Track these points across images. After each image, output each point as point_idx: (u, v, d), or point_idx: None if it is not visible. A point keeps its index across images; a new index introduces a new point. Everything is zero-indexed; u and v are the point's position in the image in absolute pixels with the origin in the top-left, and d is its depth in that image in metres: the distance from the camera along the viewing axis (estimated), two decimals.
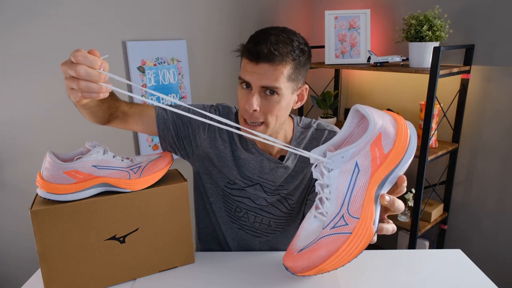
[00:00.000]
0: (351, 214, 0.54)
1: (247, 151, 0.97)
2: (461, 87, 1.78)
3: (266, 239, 1.06)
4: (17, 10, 1.40)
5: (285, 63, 0.81)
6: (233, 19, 2.08)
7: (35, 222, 0.75)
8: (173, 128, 0.96)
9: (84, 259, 0.81)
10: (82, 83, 0.60)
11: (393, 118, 0.58)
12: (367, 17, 2.01)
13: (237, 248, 1.08)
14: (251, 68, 0.82)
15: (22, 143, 1.49)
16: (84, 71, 0.59)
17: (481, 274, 0.90)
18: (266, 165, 0.96)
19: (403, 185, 0.57)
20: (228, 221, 1.05)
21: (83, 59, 0.59)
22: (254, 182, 0.98)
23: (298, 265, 0.56)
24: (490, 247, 1.85)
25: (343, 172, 0.56)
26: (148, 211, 0.85)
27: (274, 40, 0.80)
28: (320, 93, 2.26)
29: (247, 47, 0.83)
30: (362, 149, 0.55)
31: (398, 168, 0.55)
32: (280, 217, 1.02)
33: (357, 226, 0.53)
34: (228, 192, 1.01)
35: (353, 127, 0.62)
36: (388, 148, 0.55)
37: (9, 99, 1.44)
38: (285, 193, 0.99)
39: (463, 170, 1.89)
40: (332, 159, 0.57)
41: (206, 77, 2.05)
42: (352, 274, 0.90)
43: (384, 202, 0.56)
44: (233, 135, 0.97)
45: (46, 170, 0.77)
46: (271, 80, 0.81)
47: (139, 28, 1.74)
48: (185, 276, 0.90)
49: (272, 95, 0.83)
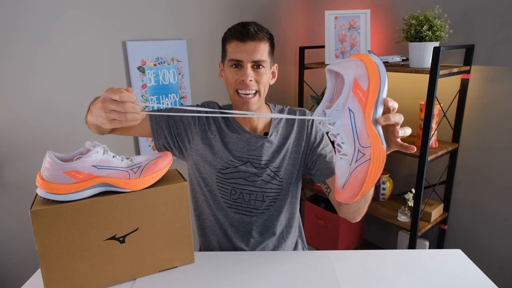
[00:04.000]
0: (363, 145, 0.68)
1: (235, 133, 1.10)
2: (461, 87, 1.78)
3: (262, 218, 1.12)
4: (17, 10, 1.40)
5: (265, 41, 1.02)
6: (233, 19, 2.08)
7: (35, 222, 0.75)
8: (166, 128, 1.07)
9: (84, 259, 0.81)
10: (129, 115, 0.77)
11: (358, 59, 0.71)
12: (367, 17, 2.01)
13: (235, 234, 1.12)
14: (241, 47, 1.00)
15: (22, 143, 1.49)
16: (132, 106, 0.76)
17: (481, 274, 0.90)
18: (253, 142, 1.09)
19: (389, 104, 0.70)
20: (225, 207, 1.11)
21: (127, 97, 0.75)
22: (244, 161, 1.09)
23: (347, 196, 0.70)
24: (490, 247, 1.85)
25: (343, 119, 0.70)
26: (148, 211, 0.85)
27: (254, 25, 1.01)
28: (320, 93, 2.26)
29: (236, 29, 1.01)
30: (347, 97, 0.69)
31: (380, 94, 0.69)
32: (272, 190, 1.11)
33: (372, 152, 0.67)
34: (222, 178, 1.09)
35: (333, 83, 0.76)
36: (366, 85, 0.69)
37: (9, 99, 1.44)
38: (273, 167, 1.10)
39: (463, 170, 1.89)
40: (331, 115, 0.70)
41: (206, 77, 2.05)
42: (352, 274, 0.90)
43: (381, 122, 0.69)
44: (220, 124, 1.11)
45: (46, 170, 0.77)
46: (259, 54, 1.00)
47: (139, 28, 1.74)
48: (185, 276, 0.90)
49: (259, 68, 1.02)
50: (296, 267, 0.93)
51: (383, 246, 2.32)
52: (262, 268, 0.93)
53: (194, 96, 2.00)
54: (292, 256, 1.00)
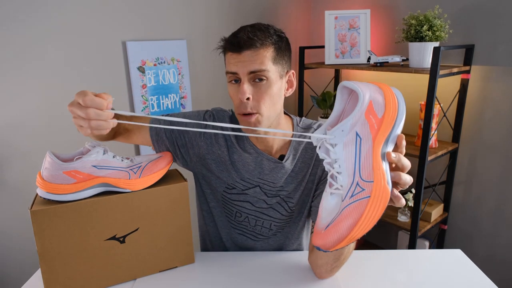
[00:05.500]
0: (365, 179, 0.57)
1: (246, 152, 0.96)
2: (461, 87, 1.78)
3: (267, 243, 1.05)
4: (16, 11, 1.40)
5: (266, 46, 0.84)
6: (233, 19, 2.08)
7: (35, 222, 0.75)
8: (168, 139, 0.97)
9: (84, 259, 0.81)
10: (93, 123, 0.68)
11: (378, 87, 0.63)
12: (367, 17, 2.01)
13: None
14: (235, 58, 0.84)
15: (22, 143, 1.49)
16: (94, 112, 0.67)
17: (481, 274, 0.90)
18: (265, 165, 0.96)
19: (402, 143, 0.61)
20: (229, 227, 1.04)
21: (91, 102, 0.67)
22: (254, 184, 0.97)
23: (329, 241, 0.57)
24: (490, 247, 1.85)
25: (346, 144, 0.60)
26: (148, 211, 0.85)
27: (250, 29, 0.85)
28: (320, 93, 2.26)
29: (228, 40, 0.87)
30: (358, 119, 0.60)
31: (395, 128, 0.60)
32: (280, 220, 1.01)
33: (373, 189, 0.56)
34: (227, 197, 1.00)
35: (344, 103, 0.66)
36: (381, 113, 0.60)
37: (9, 99, 1.44)
38: (285, 195, 0.98)
39: (463, 170, 1.89)
40: (334, 134, 0.60)
41: (206, 77, 2.05)
42: (352, 274, 0.90)
43: (391, 158, 0.59)
44: (230, 138, 0.97)
45: (46, 170, 0.77)
46: (257, 64, 0.83)
47: (139, 28, 1.74)
48: (185, 276, 0.90)
49: (261, 82, 0.85)
50: (296, 267, 0.93)
51: (383, 246, 2.32)
52: (262, 268, 0.93)
53: (194, 96, 2.00)
54: (292, 256, 1.00)
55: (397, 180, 0.61)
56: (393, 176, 0.61)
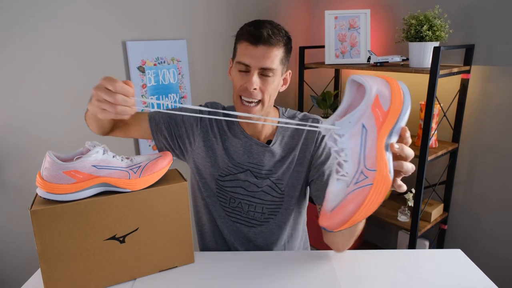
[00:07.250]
0: (368, 168, 0.62)
1: (236, 137, 1.05)
2: (461, 87, 1.78)
3: (260, 229, 1.08)
4: (17, 11, 1.40)
5: (279, 46, 0.92)
6: (233, 19, 2.08)
7: (35, 222, 0.75)
8: (166, 129, 1.04)
9: (84, 259, 0.81)
10: (119, 108, 0.73)
11: (385, 80, 0.66)
12: (367, 17, 2.01)
13: (234, 242, 1.10)
14: (250, 51, 0.91)
15: (22, 143, 1.49)
16: (122, 99, 0.72)
17: (481, 274, 0.90)
18: (254, 149, 1.04)
19: (406, 134, 0.65)
20: (224, 215, 1.08)
21: (121, 89, 0.72)
22: (244, 169, 1.04)
23: (334, 222, 0.62)
24: (490, 247, 1.85)
25: (353, 134, 0.64)
26: (148, 211, 0.85)
27: (269, 26, 0.92)
28: (320, 93, 2.26)
29: (248, 30, 0.91)
30: (364, 111, 0.63)
31: (399, 121, 0.63)
32: (272, 202, 1.06)
33: (376, 177, 0.61)
34: (221, 185, 1.06)
35: (352, 96, 0.70)
36: (387, 106, 0.63)
37: (9, 99, 1.44)
38: (275, 178, 1.05)
39: (463, 170, 1.89)
40: (341, 125, 0.64)
41: (206, 77, 2.05)
42: (352, 274, 0.90)
43: (394, 149, 0.63)
44: (223, 126, 1.06)
45: (46, 170, 0.77)
46: (269, 61, 0.91)
47: (139, 28, 1.74)
48: (185, 276, 0.90)
49: (267, 77, 0.93)
50: (296, 267, 0.93)
51: (383, 246, 2.32)
52: (262, 268, 0.93)
53: (194, 96, 2.00)
54: (292, 256, 1.00)
55: (400, 168, 0.65)
56: (396, 165, 0.65)
